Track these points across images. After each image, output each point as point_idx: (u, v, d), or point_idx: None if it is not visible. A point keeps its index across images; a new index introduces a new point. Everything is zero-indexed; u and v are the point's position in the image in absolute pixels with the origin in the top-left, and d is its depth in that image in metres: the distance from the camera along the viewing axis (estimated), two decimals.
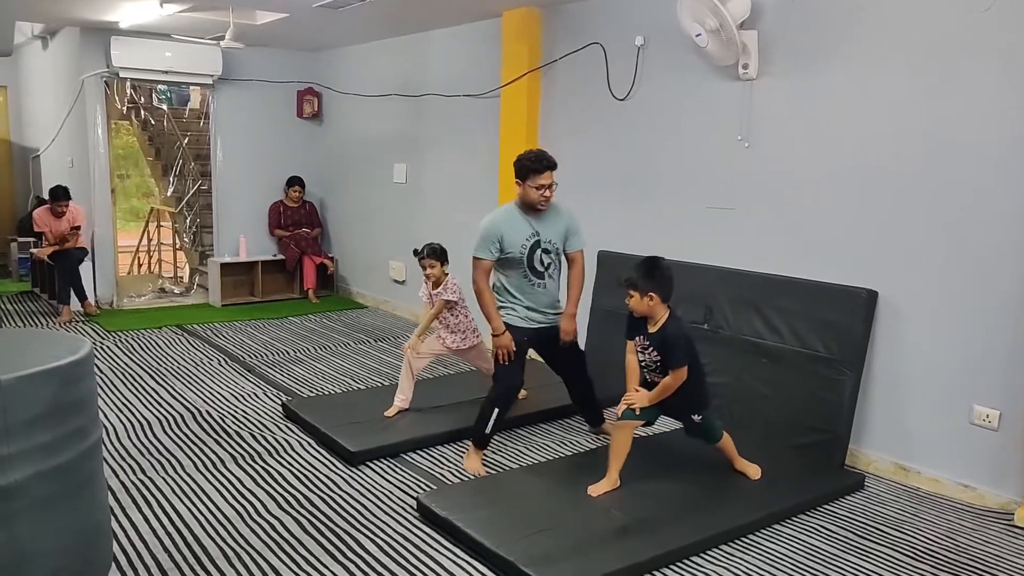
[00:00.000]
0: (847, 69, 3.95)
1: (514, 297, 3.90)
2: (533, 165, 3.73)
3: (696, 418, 3.51)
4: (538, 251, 3.84)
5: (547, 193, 3.76)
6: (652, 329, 3.40)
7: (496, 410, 3.83)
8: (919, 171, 3.71)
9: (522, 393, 4.51)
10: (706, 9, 4.06)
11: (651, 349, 3.41)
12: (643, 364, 3.48)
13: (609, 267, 5.01)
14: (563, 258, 3.99)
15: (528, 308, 3.90)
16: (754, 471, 3.65)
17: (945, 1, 3.58)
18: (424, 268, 4.37)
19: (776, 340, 4.13)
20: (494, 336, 3.83)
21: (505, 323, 3.82)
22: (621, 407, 3.46)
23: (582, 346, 4.19)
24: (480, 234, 3.79)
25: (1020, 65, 3.37)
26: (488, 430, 3.82)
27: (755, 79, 4.29)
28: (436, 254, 4.37)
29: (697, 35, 4.18)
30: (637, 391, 3.45)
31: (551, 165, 3.75)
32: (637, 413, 3.42)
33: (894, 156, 3.80)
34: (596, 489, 3.41)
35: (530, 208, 3.82)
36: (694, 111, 4.67)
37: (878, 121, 3.85)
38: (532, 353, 4.06)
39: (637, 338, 3.46)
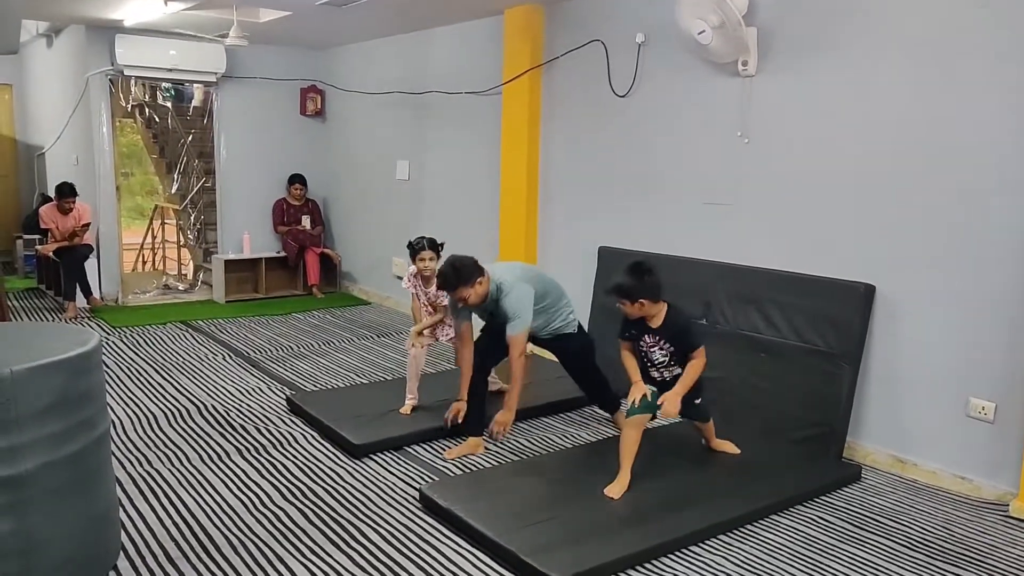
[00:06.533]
0: (845, 65, 3.98)
1: None
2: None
3: (698, 401, 3.58)
4: None
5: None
6: (655, 325, 3.43)
7: None
8: (917, 166, 3.75)
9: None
10: (709, 5, 4.07)
11: (663, 342, 3.44)
12: (658, 362, 3.50)
13: (609, 263, 5.05)
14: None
15: None
16: (731, 447, 3.85)
17: None
18: (422, 260, 4.31)
19: (774, 335, 4.17)
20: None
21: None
22: (628, 403, 3.47)
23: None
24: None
25: (1017, 61, 3.40)
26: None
27: (754, 75, 4.33)
28: (436, 247, 4.37)
29: (700, 32, 4.17)
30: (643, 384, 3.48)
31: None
32: (637, 407, 3.45)
33: (892, 152, 3.83)
34: (614, 491, 3.36)
35: None
36: (694, 107, 4.71)
37: (876, 117, 3.88)
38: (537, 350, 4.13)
39: (645, 336, 3.47)
